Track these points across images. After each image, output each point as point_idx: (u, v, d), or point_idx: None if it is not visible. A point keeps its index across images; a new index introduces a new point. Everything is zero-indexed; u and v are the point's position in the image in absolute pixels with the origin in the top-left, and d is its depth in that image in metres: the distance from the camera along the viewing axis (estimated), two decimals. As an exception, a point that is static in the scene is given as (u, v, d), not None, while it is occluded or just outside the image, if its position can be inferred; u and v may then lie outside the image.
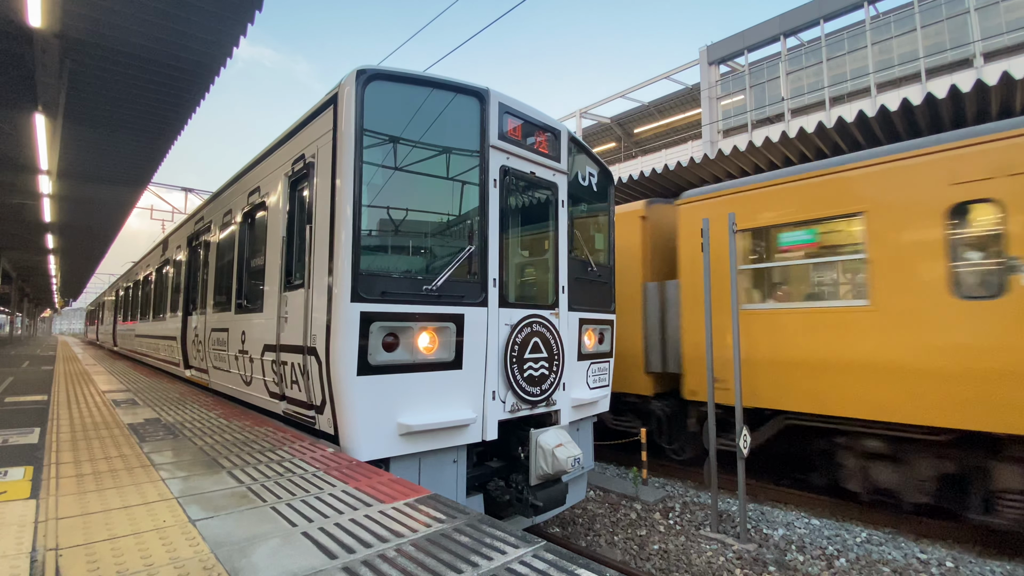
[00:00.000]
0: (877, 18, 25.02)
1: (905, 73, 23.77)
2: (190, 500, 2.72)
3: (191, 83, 7.66)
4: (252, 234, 6.17)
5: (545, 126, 5.30)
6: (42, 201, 12.22)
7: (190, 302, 8.53)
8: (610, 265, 6.47)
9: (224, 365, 6.55)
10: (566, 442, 4.76)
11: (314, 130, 4.58)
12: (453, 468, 4.48)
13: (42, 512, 2.55)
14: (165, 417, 5.23)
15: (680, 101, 35.20)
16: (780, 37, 27.79)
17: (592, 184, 6.16)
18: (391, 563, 1.99)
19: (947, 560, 5.71)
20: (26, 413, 5.49)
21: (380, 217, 4.19)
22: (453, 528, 2.36)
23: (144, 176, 11.77)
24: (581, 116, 37.78)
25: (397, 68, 4.29)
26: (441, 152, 4.52)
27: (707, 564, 5.66)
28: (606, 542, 6.35)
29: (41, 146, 8.56)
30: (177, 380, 8.98)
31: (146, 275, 13.21)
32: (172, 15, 6.08)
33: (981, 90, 8.52)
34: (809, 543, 6.18)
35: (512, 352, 4.65)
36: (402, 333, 4.02)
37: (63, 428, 4.63)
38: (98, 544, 2.17)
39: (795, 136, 10.47)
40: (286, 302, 4.83)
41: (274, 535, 2.26)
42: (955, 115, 9.33)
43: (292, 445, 4.00)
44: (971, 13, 22.12)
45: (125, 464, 3.44)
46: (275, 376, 4.98)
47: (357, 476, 3.19)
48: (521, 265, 5.38)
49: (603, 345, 6.08)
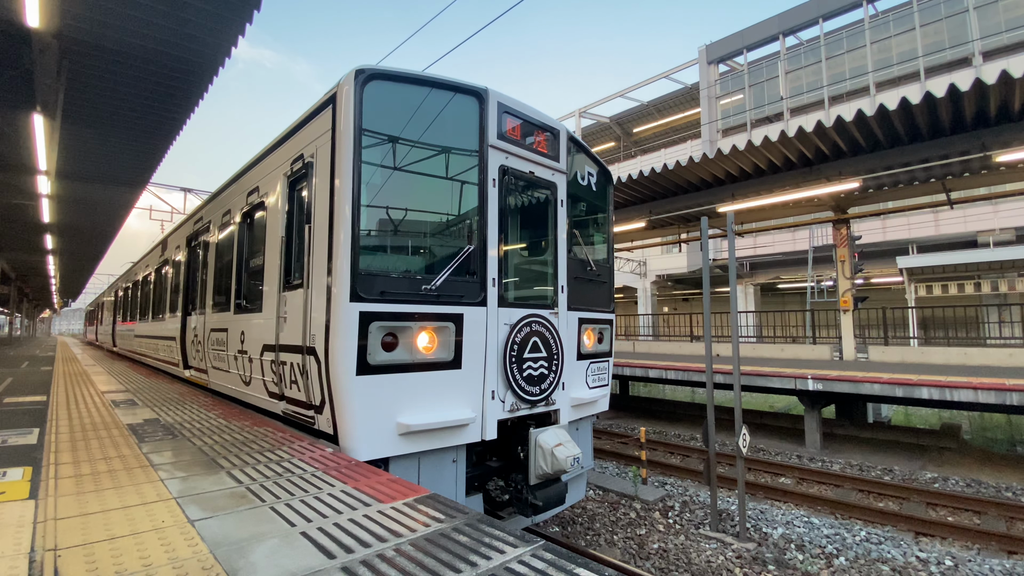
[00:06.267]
0: (876, 17, 25.02)
1: (904, 72, 23.78)
2: (189, 500, 2.72)
3: (190, 83, 7.64)
4: (251, 234, 6.16)
5: (544, 125, 5.30)
6: (41, 201, 12.18)
7: (189, 302, 8.52)
8: (609, 264, 6.47)
9: (223, 365, 6.54)
10: (565, 441, 4.75)
11: (313, 130, 4.57)
12: (452, 468, 4.48)
13: (41, 513, 2.55)
14: (164, 417, 5.22)
15: (679, 100, 35.20)
16: (779, 36, 27.80)
17: (591, 183, 6.15)
18: (390, 563, 1.99)
19: (946, 559, 5.72)
20: (25, 414, 5.48)
21: (379, 217, 4.18)
22: (452, 528, 2.35)
23: (143, 176, 11.74)
24: (580, 115, 37.77)
25: (396, 68, 4.28)
26: (440, 152, 4.51)
27: (706, 563, 5.66)
28: (605, 541, 6.35)
29: (39, 146, 8.53)
30: (176, 380, 8.97)
31: (145, 275, 13.19)
32: (170, 15, 6.07)
33: (980, 89, 8.53)
34: (808, 542, 6.19)
35: (511, 352, 4.65)
36: (401, 333, 4.02)
37: (62, 429, 4.62)
38: (97, 544, 2.16)
39: (794, 135, 10.49)
40: (285, 302, 4.82)
41: (273, 535, 2.25)
42: (954, 114, 9.34)
43: (291, 445, 4.00)
44: (970, 12, 22.13)
45: (124, 465, 3.43)
46: (274, 376, 4.97)
47: (356, 476, 3.19)
48: (520, 264, 5.38)
49: (602, 344, 6.07)
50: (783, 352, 15.33)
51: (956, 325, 18.93)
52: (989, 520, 6.87)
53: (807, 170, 11.86)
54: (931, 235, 22.75)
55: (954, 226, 22.06)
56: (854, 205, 13.75)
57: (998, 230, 21.05)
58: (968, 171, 10.92)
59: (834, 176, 11.41)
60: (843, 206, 13.50)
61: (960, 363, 11.89)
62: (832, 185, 11.29)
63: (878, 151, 10.83)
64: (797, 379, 10.12)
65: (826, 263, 21.85)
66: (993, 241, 21.05)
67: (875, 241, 23.14)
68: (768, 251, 27.01)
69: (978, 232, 21.57)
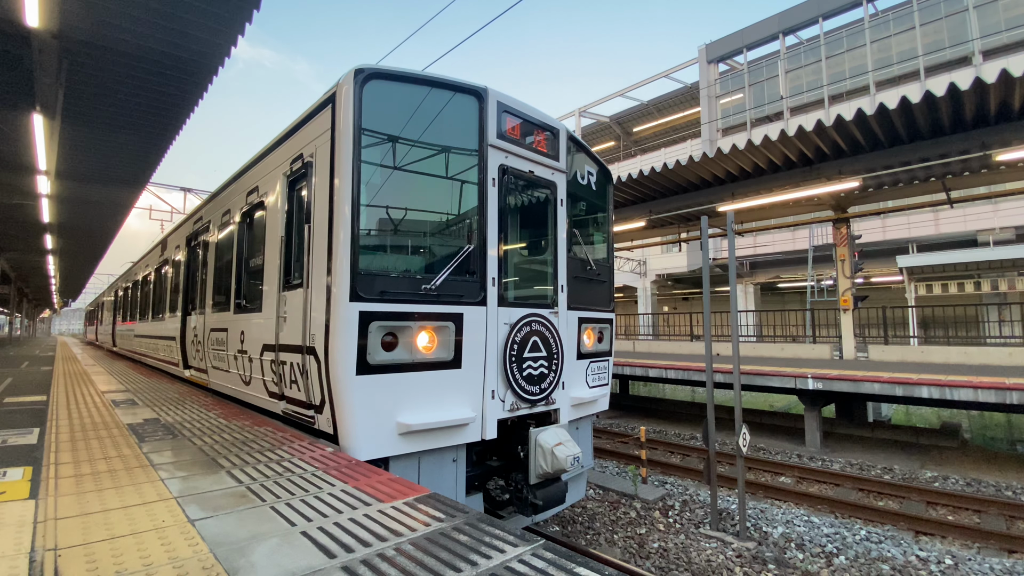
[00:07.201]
0: (876, 16, 25.01)
1: (904, 71, 23.77)
2: (189, 500, 2.72)
3: (189, 83, 7.63)
4: (251, 234, 6.16)
5: (544, 125, 5.29)
6: (40, 201, 12.18)
7: (189, 302, 8.52)
8: (609, 263, 6.47)
9: (223, 365, 6.54)
10: (565, 441, 4.75)
11: (312, 130, 4.57)
12: (452, 467, 4.48)
13: (41, 512, 2.55)
14: (164, 417, 5.22)
15: (679, 100, 35.17)
16: (779, 35, 27.79)
17: (591, 183, 6.15)
18: (390, 562, 1.99)
19: (946, 557, 5.72)
20: (25, 413, 5.48)
21: (379, 216, 4.18)
22: (452, 527, 2.35)
23: (142, 176, 11.73)
24: (580, 115, 37.75)
25: (395, 67, 4.28)
26: (440, 151, 4.51)
27: (707, 562, 5.66)
28: (606, 541, 6.35)
29: (39, 146, 8.53)
30: (176, 380, 8.97)
31: (145, 275, 13.18)
32: (169, 15, 6.06)
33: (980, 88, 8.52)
34: (808, 541, 6.19)
35: (511, 351, 4.64)
36: (401, 332, 4.02)
37: (62, 428, 4.62)
38: (97, 544, 2.16)
39: (794, 134, 10.49)
40: (285, 302, 4.82)
41: (273, 535, 2.25)
42: (954, 113, 9.34)
43: (291, 445, 4.00)
44: (970, 11, 22.11)
45: (124, 464, 3.43)
46: (274, 376, 4.97)
47: (356, 475, 3.19)
48: (520, 264, 5.37)
49: (602, 344, 6.07)
50: (783, 351, 15.33)
51: (956, 324, 18.93)
52: (989, 519, 6.88)
53: (807, 169, 11.86)
54: (931, 234, 22.75)
55: (954, 225, 22.06)
56: (854, 204, 13.74)
57: (998, 229, 21.06)
58: (968, 170, 10.92)
59: (834, 175, 11.41)
60: (843, 205, 13.50)
61: (960, 362, 11.89)
62: (832, 184, 11.29)
63: (878, 150, 10.83)
64: (797, 378, 10.12)
65: (826, 262, 21.88)
66: (993, 240, 21.05)
67: (875, 240, 23.15)
68: (768, 250, 27.02)
69: (978, 231, 21.57)
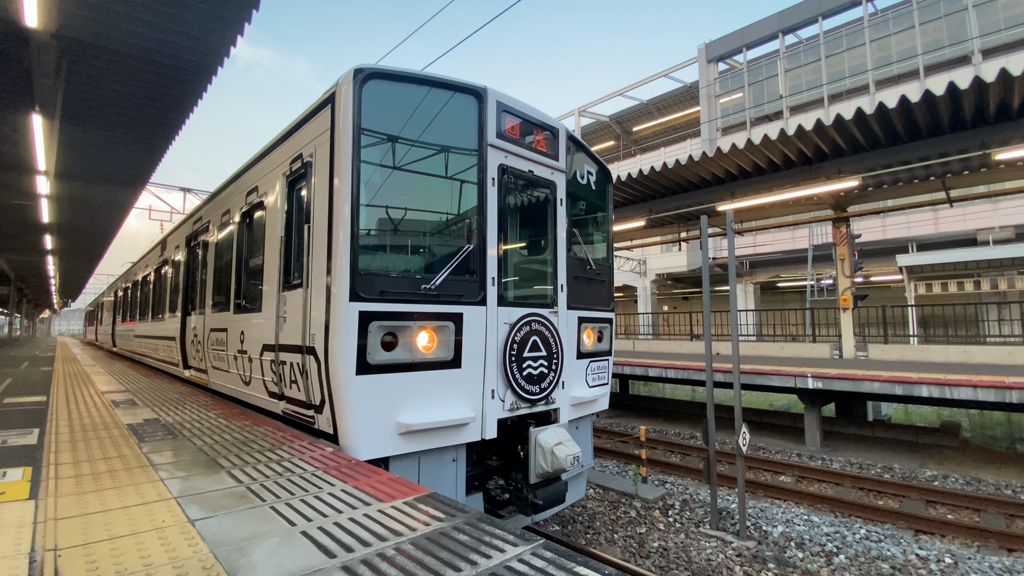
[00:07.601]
0: (875, 15, 25.00)
1: (903, 70, 23.76)
2: (189, 500, 2.72)
3: (188, 83, 7.63)
4: (250, 234, 6.16)
5: (543, 124, 5.29)
6: (40, 202, 12.17)
7: (189, 302, 8.52)
8: (609, 263, 6.47)
9: (223, 365, 6.54)
10: (565, 440, 4.76)
11: (312, 129, 4.57)
12: (452, 467, 4.48)
13: (41, 513, 2.55)
14: (164, 417, 5.22)
15: (679, 99, 35.15)
16: (779, 34, 27.77)
17: (590, 182, 6.15)
18: (390, 562, 1.99)
19: (946, 556, 5.73)
20: (25, 414, 5.48)
21: (378, 216, 4.18)
22: (452, 527, 2.36)
23: (142, 176, 11.73)
24: (580, 114, 37.73)
25: (395, 67, 4.28)
26: (439, 151, 4.51)
27: (707, 561, 5.66)
28: (606, 540, 6.35)
29: (38, 147, 8.52)
30: (176, 380, 8.96)
31: (145, 275, 13.18)
32: (169, 15, 6.06)
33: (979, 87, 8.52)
34: (808, 540, 6.19)
35: (511, 351, 4.64)
36: (401, 332, 4.02)
37: (62, 429, 4.62)
38: (97, 544, 2.16)
39: (794, 133, 10.49)
40: (285, 302, 4.82)
41: (273, 534, 2.26)
42: (953, 112, 9.34)
43: (291, 445, 4.00)
44: (969, 10, 22.10)
45: (124, 464, 3.43)
46: (274, 376, 4.97)
47: (356, 475, 3.19)
48: (520, 263, 5.37)
49: (602, 343, 6.07)
50: (783, 350, 15.33)
51: (956, 323, 18.92)
52: (989, 518, 6.88)
53: (807, 168, 11.86)
54: (931, 233, 22.75)
55: (953, 224, 22.06)
56: (854, 203, 13.75)
57: (997, 228, 21.06)
58: (967, 169, 10.92)
59: (833, 174, 11.41)
60: (843, 204, 13.50)
61: (960, 361, 11.89)
62: (832, 183, 11.29)
63: (878, 149, 10.83)
64: (797, 377, 10.12)
65: (826, 261, 21.89)
66: (992, 239, 21.05)
67: (875, 239, 23.15)
68: (768, 250, 27.01)
69: (978, 230, 21.57)
